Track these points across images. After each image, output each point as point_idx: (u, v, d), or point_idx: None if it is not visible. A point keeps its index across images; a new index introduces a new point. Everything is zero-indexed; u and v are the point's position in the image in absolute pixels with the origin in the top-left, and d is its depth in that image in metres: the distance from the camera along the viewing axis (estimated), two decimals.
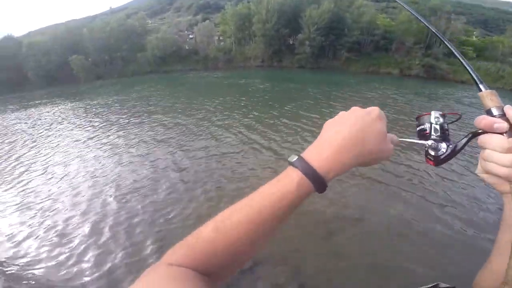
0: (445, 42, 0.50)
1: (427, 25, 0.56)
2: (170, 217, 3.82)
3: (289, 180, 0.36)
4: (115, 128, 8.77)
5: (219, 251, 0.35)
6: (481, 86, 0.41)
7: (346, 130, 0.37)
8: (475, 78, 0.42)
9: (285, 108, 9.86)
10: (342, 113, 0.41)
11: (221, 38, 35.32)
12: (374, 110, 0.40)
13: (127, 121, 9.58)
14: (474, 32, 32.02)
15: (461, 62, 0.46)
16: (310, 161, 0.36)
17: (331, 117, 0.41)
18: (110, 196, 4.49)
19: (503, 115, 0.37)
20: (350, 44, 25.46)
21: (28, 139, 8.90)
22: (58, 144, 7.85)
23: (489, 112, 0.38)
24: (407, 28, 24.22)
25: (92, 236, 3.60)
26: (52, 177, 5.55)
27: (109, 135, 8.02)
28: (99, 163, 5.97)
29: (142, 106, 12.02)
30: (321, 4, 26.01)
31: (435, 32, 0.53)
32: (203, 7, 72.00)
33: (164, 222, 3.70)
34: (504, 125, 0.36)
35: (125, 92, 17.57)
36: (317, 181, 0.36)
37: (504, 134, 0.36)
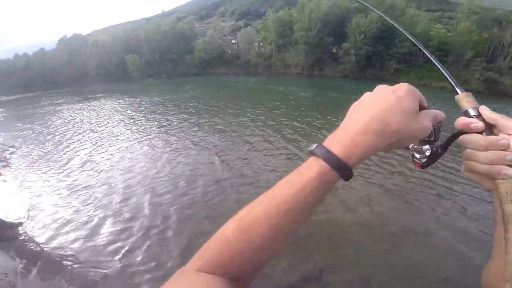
0: (420, 46, 0.55)
1: (396, 25, 0.62)
2: (203, 218, 4.02)
3: (310, 169, 0.34)
4: (160, 126, 9.42)
5: (242, 249, 0.34)
6: (457, 90, 0.43)
7: (367, 113, 0.35)
8: (452, 82, 0.44)
9: (327, 118, 9.64)
10: (366, 94, 0.39)
11: (261, 44, 36.11)
12: (402, 86, 0.37)
13: (172, 120, 10.19)
14: None
15: (437, 66, 0.48)
16: (330, 147, 0.34)
17: None
18: (149, 191, 4.81)
19: (479, 115, 0.39)
20: (400, 55, 24.10)
21: (89, 128, 10.03)
22: (113, 135, 8.75)
23: (466, 113, 0.40)
24: (466, 40, 22.13)
25: (125, 231, 3.86)
26: (95, 168, 6.16)
27: (156, 133, 8.62)
28: (145, 157, 6.48)
29: (188, 107, 12.70)
30: (369, 13, 25.06)
31: (407, 34, 0.58)
32: (245, 13, 74.46)
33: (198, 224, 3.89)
34: (480, 125, 0.38)
35: (174, 92, 18.86)
36: (340, 167, 0.33)
37: (483, 133, 0.38)
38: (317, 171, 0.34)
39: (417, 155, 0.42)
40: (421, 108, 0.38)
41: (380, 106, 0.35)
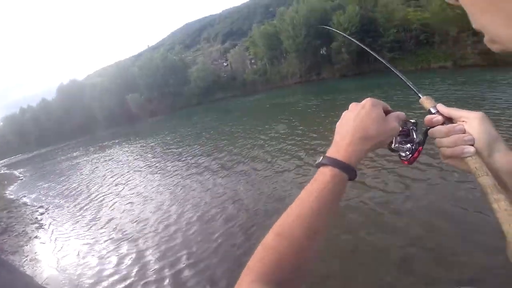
0: (374, 54, 0.71)
1: (356, 41, 0.81)
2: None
3: (323, 175, 0.44)
4: (179, 166, 9.12)
5: (286, 254, 0.39)
6: (419, 95, 0.52)
7: (350, 127, 0.48)
8: (414, 89, 0.54)
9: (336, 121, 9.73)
10: (344, 113, 0.52)
11: (253, 61, 36.95)
12: (367, 102, 0.50)
13: (190, 158, 9.76)
14: None
15: (400, 77, 0.59)
16: (333, 156, 0.46)
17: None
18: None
19: (438, 112, 0.48)
20: (390, 44, 24.67)
21: (110, 180, 9.96)
22: (132, 182, 8.78)
23: (429, 112, 0.50)
24: (444, 18, 22.65)
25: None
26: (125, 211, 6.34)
27: (178, 174, 8.35)
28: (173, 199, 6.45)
29: (202, 141, 12.20)
30: (346, 9, 25.90)
31: (363, 46, 0.72)
32: (229, 34, 76.73)
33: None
34: (439, 118, 0.47)
35: (183, 127, 18.66)
36: (346, 168, 0.44)
37: (444, 123, 0.47)
38: (330, 175, 0.43)
39: (402, 154, 0.52)
40: (387, 112, 0.51)
41: (357, 120, 0.48)
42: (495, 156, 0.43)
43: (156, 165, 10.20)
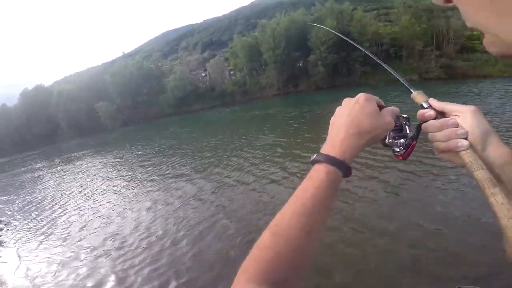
0: (369, 54, 0.70)
1: (346, 39, 0.80)
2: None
3: (317, 173, 0.44)
4: (145, 179, 8.90)
5: (282, 252, 0.39)
6: (411, 90, 0.52)
7: (344, 123, 0.48)
8: (406, 84, 0.54)
9: (314, 132, 10.03)
10: (338, 108, 0.52)
11: (232, 72, 37.16)
12: (360, 97, 0.49)
13: (164, 172, 9.40)
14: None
15: (390, 72, 0.59)
16: (327, 153, 0.46)
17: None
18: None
19: (430, 106, 0.48)
20: (362, 58, 26.17)
21: (78, 194, 9.29)
22: (102, 196, 8.28)
23: (421, 106, 0.50)
24: (412, 33, 24.51)
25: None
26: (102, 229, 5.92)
27: (141, 186, 8.18)
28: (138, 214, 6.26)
29: (175, 154, 11.82)
30: (324, 23, 27.32)
31: (360, 47, 0.72)
32: (208, 44, 76.93)
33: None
34: (432, 112, 0.47)
35: (156, 138, 18.01)
36: (341, 165, 0.44)
37: (437, 118, 0.47)
38: (324, 172, 0.43)
39: (396, 149, 0.52)
40: (381, 107, 0.51)
41: (351, 115, 0.48)
42: (488, 150, 0.43)
43: (127, 178, 9.70)
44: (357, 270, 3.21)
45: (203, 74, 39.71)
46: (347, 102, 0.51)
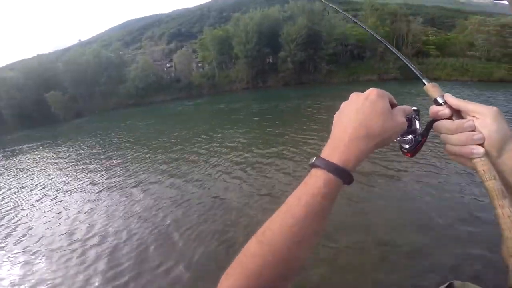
0: (390, 48, 0.64)
1: (369, 31, 0.71)
2: None
3: (315, 179, 0.40)
4: (99, 175, 8.70)
5: (268, 261, 0.37)
6: (424, 81, 0.48)
7: (350, 122, 0.42)
8: (419, 74, 0.50)
9: (282, 128, 10.46)
10: (344, 104, 0.46)
11: (199, 64, 36.74)
12: (372, 92, 0.44)
13: (112, 165, 9.34)
14: (429, 32, 35.82)
15: (404, 62, 0.55)
16: (328, 157, 0.41)
17: (328, 117, 0.51)
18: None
19: (445, 103, 0.44)
20: (328, 57, 27.94)
21: (23, 188, 8.80)
22: (44, 196, 7.80)
23: (435, 101, 0.45)
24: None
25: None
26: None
27: (92, 183, 7.95)
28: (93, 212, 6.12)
29: (133, 147, 11.66)
30: (296, 21, 28.45)
31: (386, 43, 0.68)
32: (175, 35, 74.74)
33: None
34: (447, 111, 0.43)
35: (109, 131, 17.28)
36: (342, 173, 0.39)
37: (453, 117, 0.43)
38: (322, 180, 0.39)
39: (405, 146, 0.48)
40: (392, 105, 0.45)
41: (360, 113, 0.42)
42: (504, 157, 0.40)
43: (79, 174, 9.23)
44: (331, 265, 3.42)
45: (168, 65, 38.48)
46: (356, 97, 0.46)
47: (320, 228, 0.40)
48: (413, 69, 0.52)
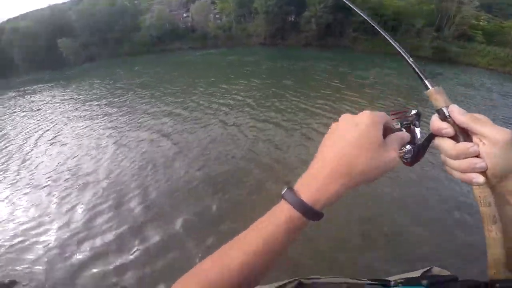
0: (386, 35, 0.57)
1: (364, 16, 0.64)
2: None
3: (280, 212, 0.39)
4: (106, 118, 8.84)
5: (215, 282, 0.37)
6: (427, 84, 0.43)
7: (332, 155, 0.39)
8: (421, 75, 0.45)
9: (299, 90, 9.99)
10: (332, 126, 0.43)
11: (217, 16, 35.29)
12: (363, 118, 0.39)
13: (117, 109, 9.46)
14: (482, 17, 32.31)
15: (405, 58, 0.49)
16: (300, 192, 0.38)
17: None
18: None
19: (450, 117, 0.40)
20: (357, 24, 25.82)
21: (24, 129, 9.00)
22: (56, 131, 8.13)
23: (439, 112, 0.41)
24: (417, 10, 24.44)
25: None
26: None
27: (102, 125, 8.16)
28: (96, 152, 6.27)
29: (139, 92, 11.90)
30: None
31: (373, 23, 0.61)
32: None
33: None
34: (450, 130, 0.39)
35: (115, 76, 17.50)
36: (307, 212, 0.37)
37: (457, 135, 0.39)
38: (286, 215, 0.38)
39: (402, 155, 0.44)
40: (388, 131, 0.41)
41: (344, 145, 0.38)
42: (505, 183, 0.39)
43: (78, 114, 9.54)
44: (313, 250, 3.37)
45: (184, 15, 36.99)
46: (344, 122, 0.41)
47: (275, 259, 0.39)
48: (414, 67, 0.46)
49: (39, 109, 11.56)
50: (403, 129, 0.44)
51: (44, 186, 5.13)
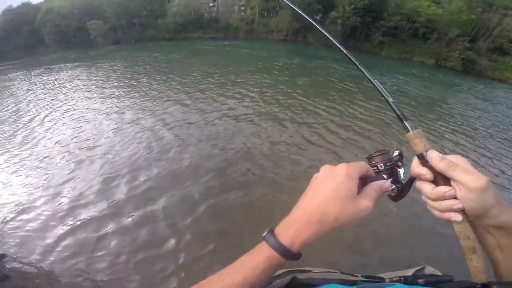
0: (362, 70, 0.56)
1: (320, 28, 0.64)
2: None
3: (260, 252, 0.43)
4: (129, 95, 9.38)
5: None
6: (407, 126, 0.44)
7: (311, 204, 0.43)
8: (399, 114, 0.46)
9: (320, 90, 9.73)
10: (314, 176, 0.47)
11: (241, 8, 35.63)
12: (340, 171, 0.43)
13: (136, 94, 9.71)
14: None
15: (384, 97, 0.50)
16: (279, 234, 0.43)
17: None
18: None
19: (428, 163, 0.43)
20: (386, 29, 24.94)
21: (50, 102, 9.50)
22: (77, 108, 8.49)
23: (419, 157, 0.44)
24: (454, 20, 23.18)
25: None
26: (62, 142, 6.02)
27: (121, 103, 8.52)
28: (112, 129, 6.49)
29: (160, 74, 12.63)
30: None
31: (337, 44, 0.61)
32: None
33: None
34: (428, 176, 0.43)
35: (137, 59, 18.34)
36: (285, 253, 0.42)
37: (437, 178, 0.42)
38: (265, 256, 0.42)
39: (390, 193, 0.48)
40: (367, 179, 0.45)
41: (321, 196, 0.43)
42: (483, 219, 0.42)
43: (100, 93, 10.05)
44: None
45: (211, 4, 37.53)
46: (323, 173, 0.46)
47: None
48: (394, 108, 0.48)
49: (58, 86, 12.26)
50: (384, 176, 0.48)
51: (50, 158, 5.36)
